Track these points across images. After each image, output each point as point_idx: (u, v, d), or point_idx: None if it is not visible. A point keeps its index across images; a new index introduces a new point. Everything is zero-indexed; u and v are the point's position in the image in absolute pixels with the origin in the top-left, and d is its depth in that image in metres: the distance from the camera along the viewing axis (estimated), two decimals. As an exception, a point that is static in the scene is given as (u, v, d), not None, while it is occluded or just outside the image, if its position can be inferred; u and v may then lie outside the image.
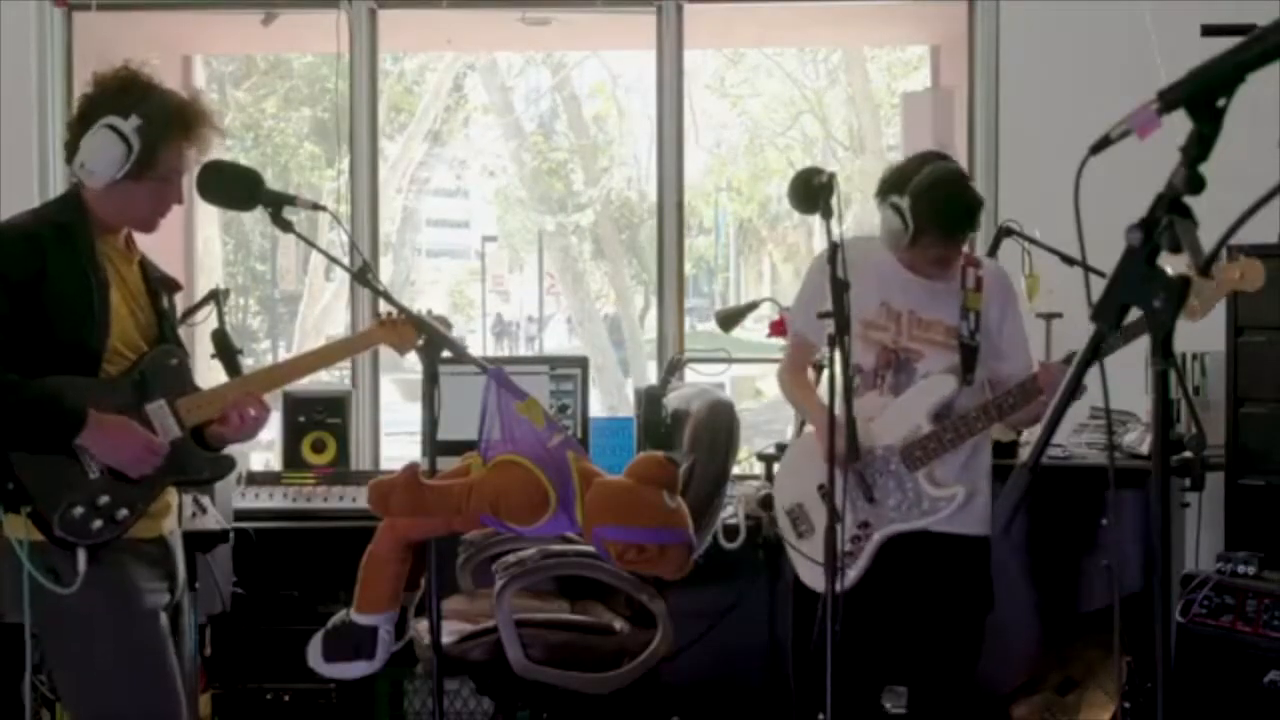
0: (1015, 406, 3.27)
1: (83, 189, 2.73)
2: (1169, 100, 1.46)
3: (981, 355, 3.35)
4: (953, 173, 3.30)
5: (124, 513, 2.65)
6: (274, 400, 4.32)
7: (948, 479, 3.34)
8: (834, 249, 3.03)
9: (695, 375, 4.76)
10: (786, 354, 3.65)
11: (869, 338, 3.37)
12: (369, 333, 3.05)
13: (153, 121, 2.67)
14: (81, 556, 2.60)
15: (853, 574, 3.29)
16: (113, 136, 2.65)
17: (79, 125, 2.70)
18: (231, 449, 2.93)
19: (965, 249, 3.43)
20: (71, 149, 2.71)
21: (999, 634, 3.62)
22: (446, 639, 3.29)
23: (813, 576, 3.38)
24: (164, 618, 2.74)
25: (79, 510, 2.60)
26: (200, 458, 2.82)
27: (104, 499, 2.62)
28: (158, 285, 2.85)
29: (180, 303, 3.02)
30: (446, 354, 2.83)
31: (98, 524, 2.62)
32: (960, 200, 3.26)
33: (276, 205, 2.76)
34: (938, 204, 3.22)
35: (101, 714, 2.69)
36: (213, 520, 3.80)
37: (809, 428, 3.58)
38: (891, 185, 3.30)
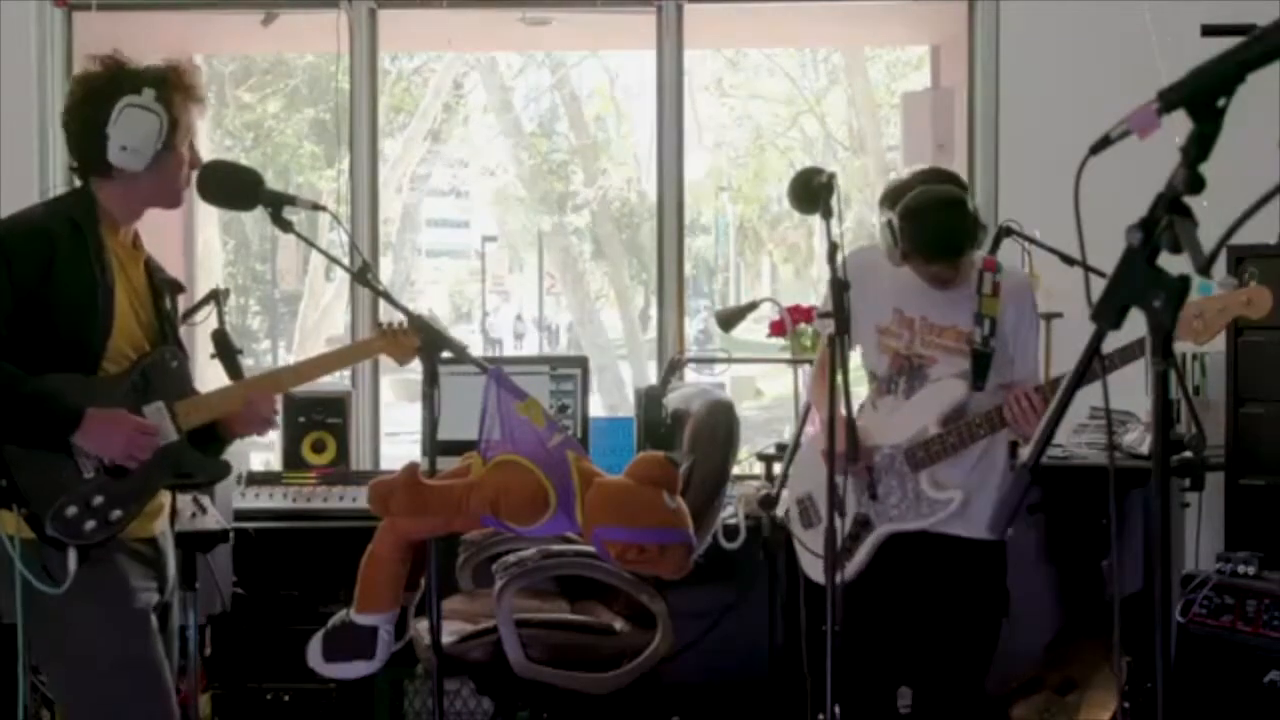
0: (1004, 423, 3.21)
1: (96, 184, 2.71)
2: (1169, 100, 1.45)
3: (996, 361, 3.28)
4: (940, 198, 3.22)
5: (117, 514, 2.63)
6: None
7: (951, 481, 3.29)
8: (833, 249, 3.03)
9: (695, 375, 4.77)
10: (815, 363, 3.67)
11: (884, 344, 3.36)
12: (369, 342, 3.04)
13: (163, 88, 2.68)
14: (72, 556, 2.58)
15: (850, 569, 3.27)
16: (142, 112, 2.65)
17: (91, 122, 2.66)
18: (231, 449, 2.93)
19: (984, 254, 3.35)
20: (91, 151, 2.67)
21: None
22: (446, 639, 3.29)
23: (812, 567, 3.43)
24: (154, 618, 2.73)
25: (72, 510, 2.58)
26: (195, 460, 2.80)
27: (98, 499, 2.60)
28: (162, 286, 2.84)
29: (181, 304, 3.02)
30: (446, 354, 2.83)
31: (90, 524, 2.60)
32: (941, 229, 3.20)
33: (276, 205, 2.75)
34: (919, 231, 3.19)
35: (92, 713, 2.68)
36: (213, 520, 3.80)
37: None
38: (888, 199, 3.28)
